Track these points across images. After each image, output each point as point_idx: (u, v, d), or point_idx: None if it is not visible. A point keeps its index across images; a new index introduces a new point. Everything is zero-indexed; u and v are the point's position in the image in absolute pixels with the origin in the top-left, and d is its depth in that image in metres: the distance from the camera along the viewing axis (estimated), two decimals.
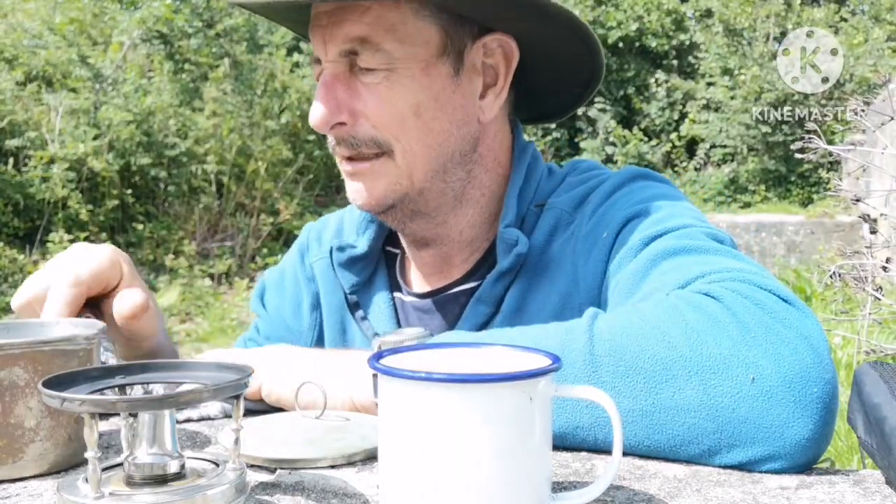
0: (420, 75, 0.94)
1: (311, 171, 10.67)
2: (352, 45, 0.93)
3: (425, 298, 1.08)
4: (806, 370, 0.67)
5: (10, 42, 9.48)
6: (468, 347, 0.62)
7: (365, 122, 0.94)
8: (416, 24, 0.93)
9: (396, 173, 0.97)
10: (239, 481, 0.57)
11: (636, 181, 1.02)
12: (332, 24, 0.93)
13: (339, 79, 0.95)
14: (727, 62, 11.56)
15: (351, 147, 0.96)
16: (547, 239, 1.01)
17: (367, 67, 0.93)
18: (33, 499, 0.62)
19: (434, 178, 0.99)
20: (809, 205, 10.57)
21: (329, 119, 0.94)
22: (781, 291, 0.74)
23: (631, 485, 0.65)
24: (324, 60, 0.96)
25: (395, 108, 0.94)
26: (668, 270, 0.83)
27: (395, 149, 0.95)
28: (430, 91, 0.95)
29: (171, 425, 0.58)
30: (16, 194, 8.25)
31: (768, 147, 11.18)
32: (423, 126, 0.95)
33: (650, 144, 12.07)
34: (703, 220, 0.94)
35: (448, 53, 0.96)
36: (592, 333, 0.72)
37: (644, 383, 0.69)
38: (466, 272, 1.06)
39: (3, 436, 0.65)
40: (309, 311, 1.16)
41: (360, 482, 0.65)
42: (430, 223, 1.03)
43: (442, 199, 1.01)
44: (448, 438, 0.51)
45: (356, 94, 0.94)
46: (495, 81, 1.01)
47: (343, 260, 1.11)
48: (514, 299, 0.99)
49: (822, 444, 0.68)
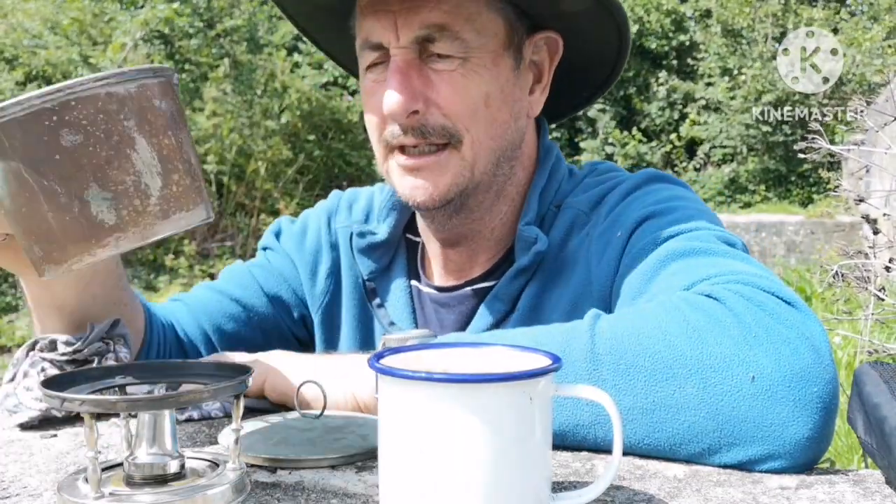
0: (491, 66, 0.95)
1: (311, 171, 10.67)
2: (429, 31, 0.92)
3: (444, 292, 1.08)
4: (806, 370, 0.67)
5: (10, 42, 9.48)
6: (468, 347, 0.62)
7: (436, 110, 0.94)
8: (488, 16, 0.95)
9: (461, 165, 0.96)
10: (239, 481, 0.57)
11: (653, 183, 1.02)
12: (405, 9, 0.92)
13: (412, 66, 0.94)
14: (726, 62, 11.56)
15: (420, 135, 0.95)
16: (564, 238, 1.01)
17: (443, 54, 0.93)
18: (33, 499, 0.62)
19: (490, 170, 0.99)
20: (809, 205, 10.57)
21: (407, 106, 0.93)
22: (785, 294, 0.74)
23: (631, 485, 0.65)
24: (393, 46, 0.94)
25: (468, 97, 0.94)
26: (675, 272, 0.83)
27: (463, 139, 0.95)
28: (498, 82, 0.96)
29: (171, 425, 0.58)
30: None
31: (768, 147, 11.18)
32: (490, 117, 0.96)
33: (650, 145, 12.07)
34: (717, 223, 0.94)
35: (511, 47, 0.97)
36: (594, 332, 0.73)
37: (645, 381, 0.69)
38: (487, 270, 1.06)
39: (186, 174, 0.60)
40: (325, 276, 1.15)
41: (360, 482, 0.65)
42: (469, 218, 1.03)
43: (486, 195, 1.02)
44: (448, 438, 0.51)
45: (428, 82, 0.94)
46: (540, 78, 1.03)
47: (363, 246, 1.10)
48: (530, 298, 0.99)
49: (823, 444, 0.68)
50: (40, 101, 0.54)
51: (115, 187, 0.56)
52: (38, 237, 0.56)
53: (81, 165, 0.55)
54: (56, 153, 0.55)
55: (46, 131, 0.55)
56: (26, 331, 6.41)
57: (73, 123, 0.55)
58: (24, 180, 0.55)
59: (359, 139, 11.12)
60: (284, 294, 1.16)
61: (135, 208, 0.57)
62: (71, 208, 0.55)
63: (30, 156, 0.55)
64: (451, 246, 1.07)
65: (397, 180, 0.99)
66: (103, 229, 0.56)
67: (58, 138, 0.55)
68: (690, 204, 0.97)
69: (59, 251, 0.56)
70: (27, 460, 0.72)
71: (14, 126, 0.54)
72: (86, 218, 0.56)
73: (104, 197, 0.56)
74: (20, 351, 0.89)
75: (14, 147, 0.55)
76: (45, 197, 0.55)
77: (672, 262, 0.85)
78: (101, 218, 0.56)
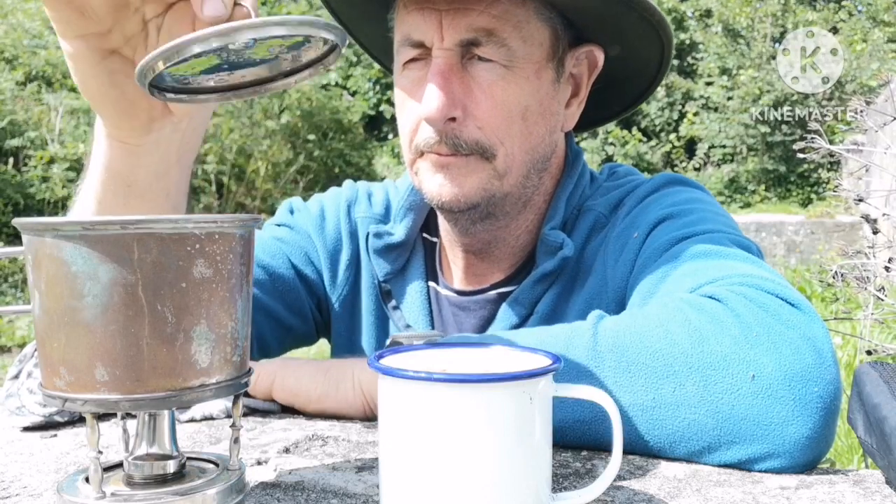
0: (533, 77, 0.93)
1: (311, 171, 10.68)
2: (476, 35, 0.90)
3: (464, 296, 1.07)
4: (807, 369, 0.67)
5: (10, 42, 9.49)
6: (469, 347, 0.62)
7: (472, 122, 0.91)
8: (536, 24, 0.92)
9: (491, 174, 0.94)
10: (239, 481, 0.57)
11: (671, 186, 1.02)
12: (453, 10, 0.89)
13: (454, 70, 0.91)
14: (725, 62, 11.57)
15: (453, 147, 0.92)
16: (584, 242, 1.01)
17: (486, 58, 0.90)
18: (33, 499, 0.62)
19: (520, 183, 0.97)
20: (809, 205, 10.58)
21: (446, 112, 0.90)
22: (790, 296, 0.74)
23: (631, 485, 0.65)
24: (436, 47, 0.91)
25: (506, 110, 0.92)
26: (685, 274, 0.83)
27: (497, 153, 0.93)
28: (538, 95, 0.94)
29: (171, 425, 0.58)
30: (16, 194, 8.26)
31: (768, 147, 11.19)
32: (526, 130, 0.94)
33: (650, 145, 12.08)
34: (732, 227, 0.94)
35: (555, 59, 0.95)
36: (596, 331, 0.73)
37: (645, 379, 0.69)
38: (509, 275, 1.06)
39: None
40: (345, 266, 1.12)
41: (360, 482, 0.65)
42: (494, 226, 1.01)
43: (514, 205, 1.00)
44: (448, 438, 0.51)
45: (468, 91, 0.91)
46: (577, 91, 1.01)
47: (380, 247, 1.08)
48: (550, 301, 0.99)
49: (823, 444, 0.68)
50: (192, 226, 0.51)
51: (219, 330, 0.54)
52: (116, 362, 0.51)
53: (201, 301, 0.52)
54: (183, 282, 0.51)
55: (184, 257, 0.51)
56: (26, 331, 6.41)
57: (209, 256, 0.52)
58: (134, 298, 0.50)
59: (358, 139, 11.13)
60: (308, 271, 1.11)
61: (224, 356, 0.54)
62: (174, 341, 0.51)
63: (155, 276, 0.50)
64: (475, 252, 1.05)
65: (426, 179, 0.96)
66: (194, 370, 0.53)
67: (191, 267, 0.51)
68: (708, 207, 0.97)
69: (133, 382, 0.51)
70: (27, 460, 0.72)
71: (152, 240, 0.50)
72: (183, 354, 0.52)
73: (207, 337, 0.53)
74: (28, 347, 0.87)
75: (142, 261, 0.50)
76: (150, 321, 0.51)
77: (683, 264, 0.85)
78: (196, 358, 0.53)
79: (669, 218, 0.94)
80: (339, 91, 11.93)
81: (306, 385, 0.85)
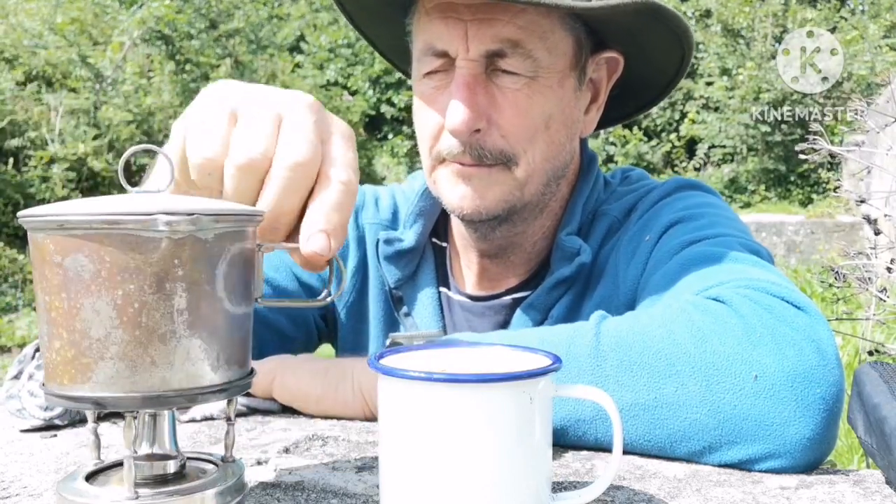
0: (556, 86, 0.93)
1: None
2: (501, 46, 0.89)
3: (477, 301, 1.06)
4: (810, 370, 0.67)
5: (10, 42, 9.48)
6: (469, 347, 0.62)
7: (496, 131, 0.91)
8: (561, 34, 0.92)
9: (513, 185, 0.94)
10: (239, 481, 0.57)
11: (683, 190, 1.03)
12: (478, 20, 0.88)
13: (479, 81, 0.90)
14: (725, 62, 11.57)
15: (477, 157, 0.92)
16: (599, 246, 1.01)
17: (511, 71, 0.90)
18: (33, 499, 0.62)
19: (540, 190, 0.97)
20: (809, 205, 10.57)
21: (472, 124, 0.89)
22: (795, 299, 0.74)
23: (631, 485, 0.65)
24: (461, 58, 0.90)
25: (530, 119, 0.92)
26: (694, 277, 0.83)
27: (520, 161, 0.93)
28: (560, 104, 0.94)
29: (171, 425, 0.58)
30: (16, 194, 8.26)
31: (768, 147, 11.18)
32: (548, 139, 0.94)
33: (650, 144, 12.08)
34: (743, 231, 0.94)
35: (577, 67, 0.95)
36: (599, 330, 0.73)
37: (647, 378, 0.69)
38: (524, 280, 1.06)
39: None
40: (351, 272, 1.11)
41: (360, 482, 0.65)
42: (512, 231, 1.01)
43: (532, 211, 1.00)
44: (448, 438, 0.50)
45: (493, 101, 0.91)
46: (596, 97, 1.01)
47: (390, 253, 1.07)
48: (565, 307, 0.99)
49: (825, 445, 0.68)
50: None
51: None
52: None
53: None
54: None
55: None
56: (26, 331, 6.41)
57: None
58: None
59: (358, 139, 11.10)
60: (312, 280, 1.10)
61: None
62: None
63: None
64: (491, 257, 1.05)
65: (447, 188, 0.96)
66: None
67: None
68: (720, 211, 0.98)
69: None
70: (27, 460, 0.72)
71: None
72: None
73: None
74: (28, 348, 0.86)
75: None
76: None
77: (692, 267, 0.85)
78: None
79: (681, 221, 0.94)
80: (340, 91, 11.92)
81: (306, 385, 0.85)
